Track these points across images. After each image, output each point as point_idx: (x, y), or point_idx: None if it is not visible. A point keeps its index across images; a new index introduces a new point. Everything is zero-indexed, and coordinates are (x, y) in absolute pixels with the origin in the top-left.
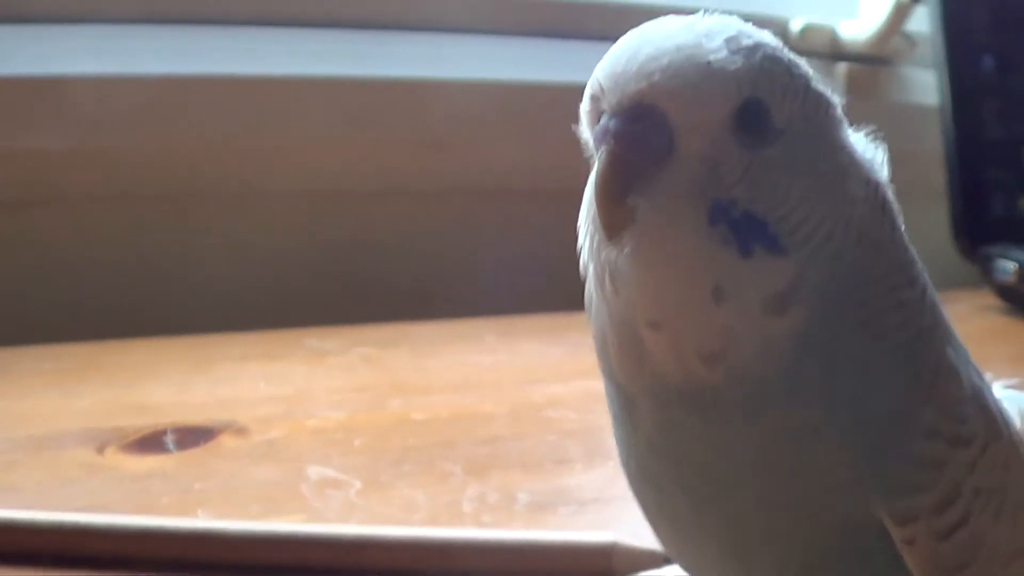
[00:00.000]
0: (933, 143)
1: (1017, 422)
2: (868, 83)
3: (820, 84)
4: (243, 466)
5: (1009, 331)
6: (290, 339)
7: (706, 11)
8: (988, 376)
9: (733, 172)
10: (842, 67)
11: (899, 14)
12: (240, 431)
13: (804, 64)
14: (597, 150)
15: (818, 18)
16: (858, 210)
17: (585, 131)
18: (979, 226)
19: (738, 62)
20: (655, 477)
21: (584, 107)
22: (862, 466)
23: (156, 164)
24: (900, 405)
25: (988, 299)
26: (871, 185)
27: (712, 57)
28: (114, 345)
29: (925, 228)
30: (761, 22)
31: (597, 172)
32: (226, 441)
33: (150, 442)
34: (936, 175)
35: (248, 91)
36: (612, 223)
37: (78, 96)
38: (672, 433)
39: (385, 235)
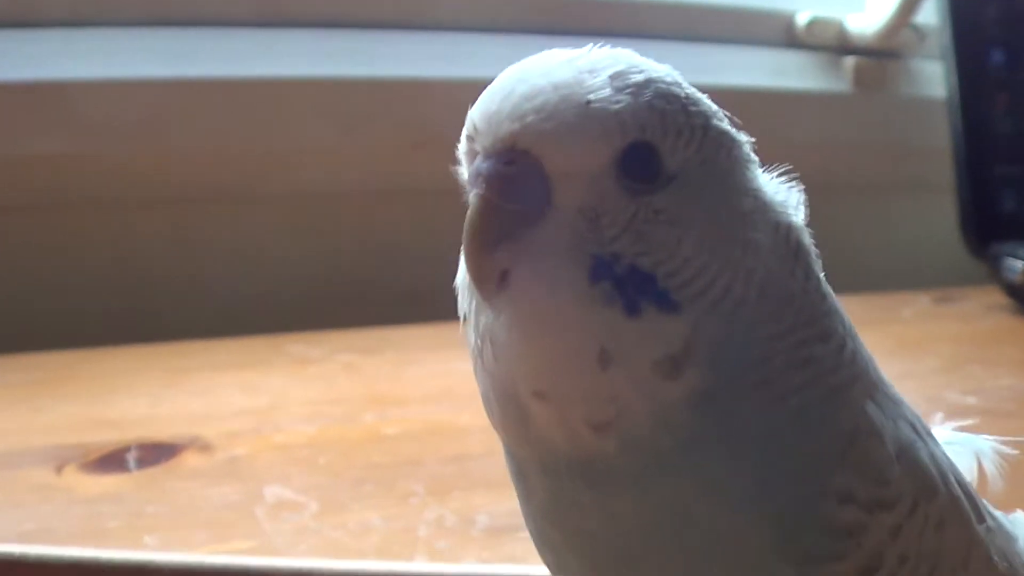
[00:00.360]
0: (942, 138)
1: (971, 467)
2: (876, 76)
3: (723, 122)
4: (201, 487)
5: (1017, 331)
6: (273, 346)
7: (598, 44)
8: (938, 418)
9: (616, 223)
10: (850, 61)
11: (907, 6)
12: (204, 448)
13: (705, 100)
14: (470, 193)
15: (825, 11)
16: (763, 260)
17: (464, 172)
18: (988, 223)
19: (623, 101)
20: (550, 542)
21: (461, 147)
22: (768, 538)
23: (137, 169)
24: (808, 471)
25: (997, 297)
26: (780, 231)
27: (592, 96)
28: (89, 354)
29: (933, 225)
30: (766, 16)
31: (467, 219)
32: (188, 459)
33: (111, 460)
34: (944, 170)
35: (234, 94)
36: (481, 278)
37: (58, 100)
38: (563, 504)
39: (374, 237)
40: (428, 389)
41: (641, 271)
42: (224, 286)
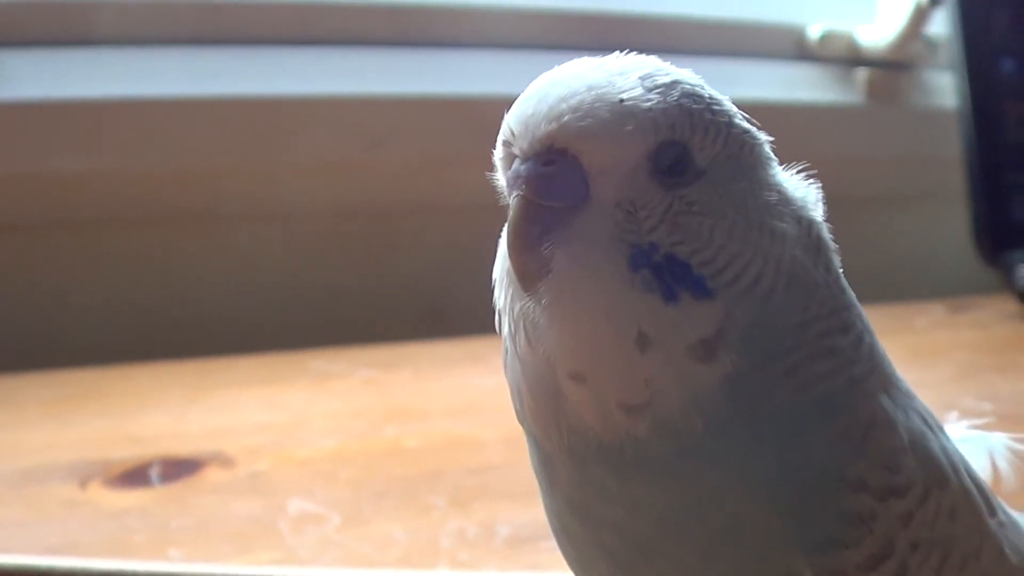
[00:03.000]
0: (954, 147)
1: (984, 464)
2: (888, 88)
3: (744, 121)
4: (224, 501)
5: None
6: (295, 362)
7: (623, 51)
8: (953, 416)
9: (653, 215)
10: (862, 72)
11: (918, 18)
12: (226, 463)
13: (726, 102)
14: (510, 196)
15: (836, 24)
16: (789, 250)
17: (500, 178)
18: (1001, 232)
19: (653, 100)
20: (575, 538)
21: (497, 154)
22: (788, 524)
23: (156, 186)
24: (828, 459)
25: (1010, 305)
26: (803, 224)
27: (625, 95)
28: (117, 371)
29: (946, 233)
30: (778, 30)
31: (509, 220)
32: (211, 474)
33: (135, 475)
34: (957, 180)
35: (253, 111)
36: (526, 273)
37: (82, 118)
38: (590, 493)
39: (395, 254)
40: (448, 403)
41: (678, 260)
42: (247, 303)
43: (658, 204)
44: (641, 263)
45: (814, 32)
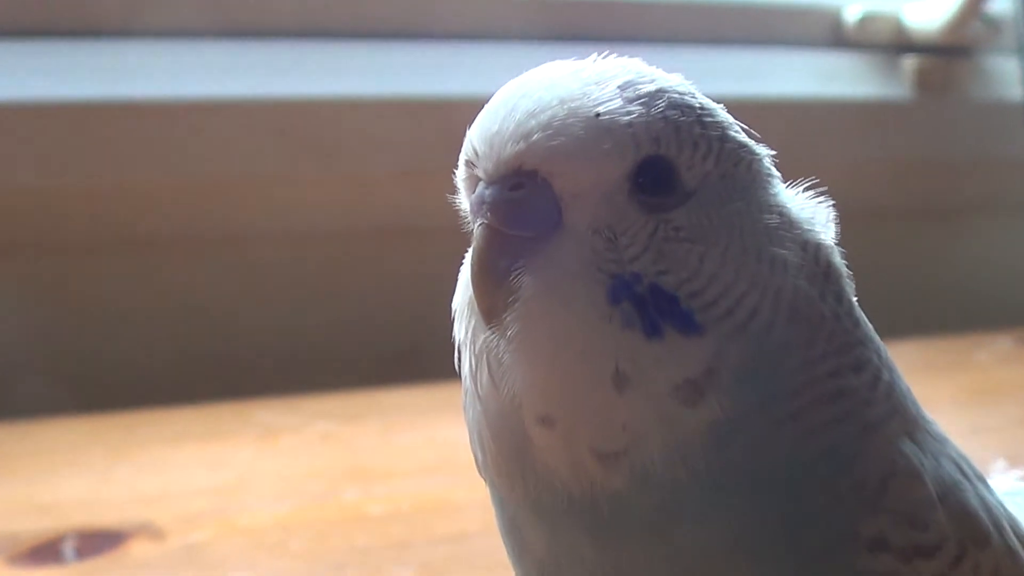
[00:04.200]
0: (1021, 147)
1: None
2: (941, 78)
3: (740, 134)
4: None
5: None
6: (239, 414)
7: (602, 54)
8: (1000, 465)
9: (635, 241)
10: (909, 61)
11: None
12: (156, 534)
13: (720, 112)
14: (474, 223)
15: (878, 4)
16: (791, 280)
17: (463, 201)
18: None
19: (634, 112)
20: None
21: (459, 174)
22: None
23: (62, 207)
24: (838, 515)
25: None
26: (809, 249)
27: (602, 108)
28: (21, 429)
29: (1012, 251)
30: (810, 14)
31: (472, 250)
32: (137, 548)
33: (45, 551)
34: None
35: (160, 116)
36: (491, 309)
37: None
38: (563, 560)
39: (356, 284)
40: (419, 461)
41: (663, 291)
42: (180, 345)
43: (640, 229)
44: (622, 295)
45: (852, 14)
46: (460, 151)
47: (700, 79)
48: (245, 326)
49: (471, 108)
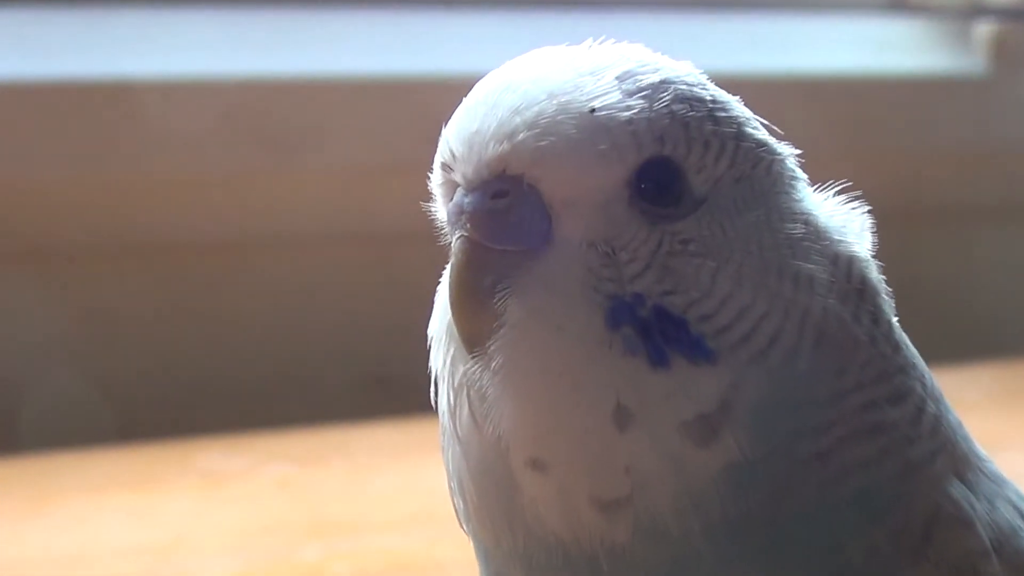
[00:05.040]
0: None
1: None
2: (1022, 48)
3: (758, 131)
4: None
5: None
6: (177, 457)
7: (598, 38)
8: None
9: (637, 257)
10: (983, 28)
11: None
12: None
13: (735, 105)
14: (452, 236)
15: None
16: (819, 299)
17: (439, 210)
18: None
19: (635, 107)
20: None
21: (435, 179)
22: None
23: None
24: (875, 567)
25: None
26: (840, 263)
27: (598, 102)
28: None
29: None
30: None
31: (451, 267)
32: None
33: None
34: None
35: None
36: (473, 335)
37: None
38: None
39: (317, 298)
40: (393, 511)
41: (670, 314)
42: (104, 375)
43: (643, 243)
44: (622, 319)
45: None
46: (437, 145)
47: (731, 52)
48: (182, 350)
49: (450, 90)
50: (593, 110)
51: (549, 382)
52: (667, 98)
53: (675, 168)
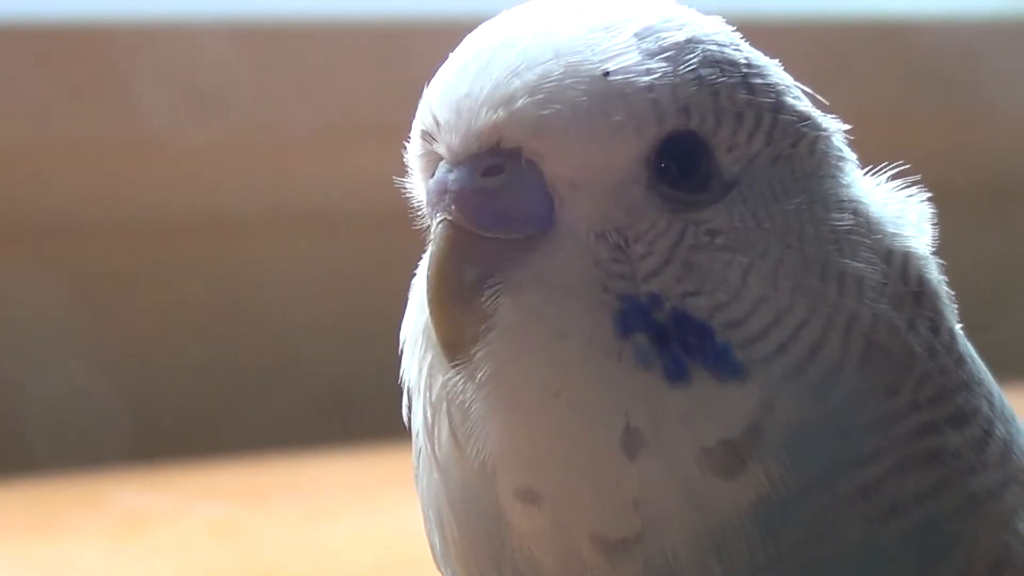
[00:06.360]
0: None
1: None
2: None
3: (800, 100)
4: None
5: None
6: (89, 494)
7: None
8: None
9: (655, 250)
10: None
11: None
12: None
13: (774, 70)
14: (432, 219)
15: None
16: (869, 303)
17: (417, 186)
18: None
19: (657, 71)
20: None
21: (412, 150)
22: None
23: None
24: None
25: None
26: (894, 261)
27: (613, 65)
28: None
29: None
30: None
31: (430, 257)
32: None
33: None
34: None
35: None
36: (454, 340)
37: None
38: None
39: (270, 296)
40: (353, 561)
41: (692, 319)
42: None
43: (662, 234)
44: (635, 324)
45: None
46: (415, 108)
47: None
48: (95, 367)
49: (434, 38)
50: (607, 73)
51: (545, 399)
52: (694, 61)
53: (702, 145)
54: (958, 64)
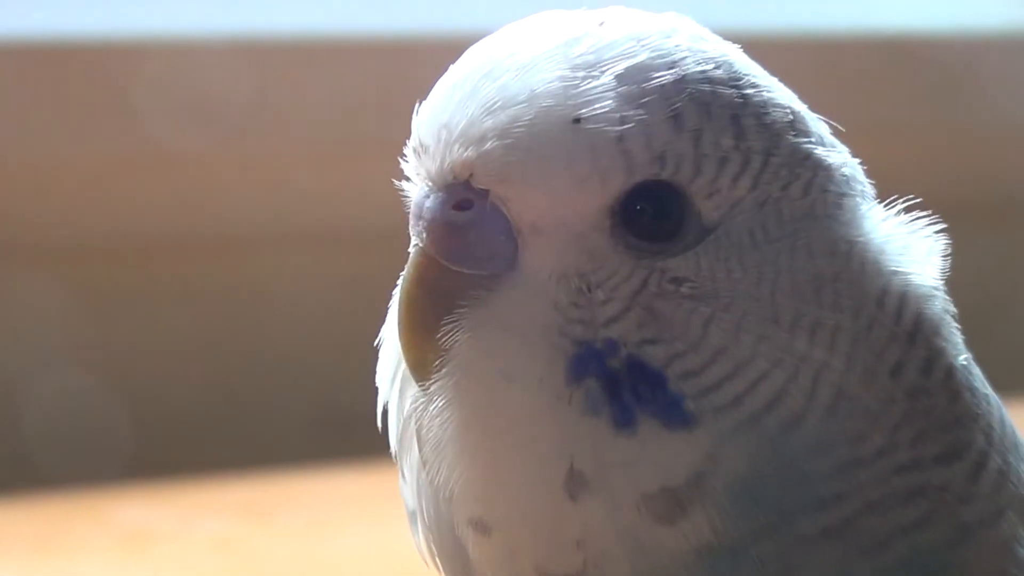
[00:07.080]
0: None
1: None
2: None
3: (804, 136)
4: None
5: None
6: (92, 510)
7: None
8: None
9: (616, 296)
10: None
11: None
12: None
13: (780, 101)
14: (413, 235)
15: None
16: (842, 353)
17: (409, 198)
18: None
19: (633, 120)
20: None
21: (407, 164)
22: None
23: None
24: None
25: None
26: (889, 302)
27: (586, 111)
28: None
29: None
30: None
31: (403, 279)
32: None
33: None
34: None
35: None
36: (417, 364)
37: None
38: None
39: (272, 313)
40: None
41: (647, 367)
42: (2, 412)
43: (625, 280)
44: (587, 369)
45: None
46: (409, 122)
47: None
48: (99, 382)
49: (437, 55)
50: (578, 120)
51: (490, 438)
52: (678, 105)
53: (676, 193)
54: (961, 78)
